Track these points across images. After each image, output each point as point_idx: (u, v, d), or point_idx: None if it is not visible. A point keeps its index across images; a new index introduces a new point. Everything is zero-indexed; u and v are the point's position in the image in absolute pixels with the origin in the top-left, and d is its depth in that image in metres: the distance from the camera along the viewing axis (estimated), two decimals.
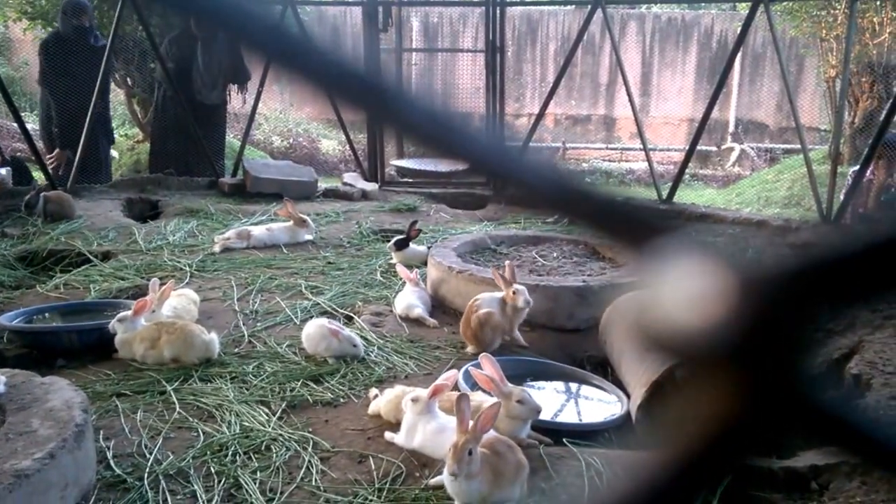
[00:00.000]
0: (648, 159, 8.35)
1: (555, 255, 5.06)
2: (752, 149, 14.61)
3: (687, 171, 8.52)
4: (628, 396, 3.12)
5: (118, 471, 2.46)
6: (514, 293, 3.67)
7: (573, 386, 3.46)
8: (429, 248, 5.17)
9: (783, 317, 0.41)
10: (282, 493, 2.36)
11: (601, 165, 14.30)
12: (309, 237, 5.90)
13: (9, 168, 7.11)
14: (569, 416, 3.19)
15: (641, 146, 8.57)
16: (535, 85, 16.24)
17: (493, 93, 8.50)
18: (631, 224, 0.48)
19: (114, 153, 9.62)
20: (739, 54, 10.09)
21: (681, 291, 0.42)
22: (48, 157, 7.62)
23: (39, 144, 7.80)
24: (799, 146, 7.50)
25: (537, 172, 0.49)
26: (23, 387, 2.68)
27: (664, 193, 7.89)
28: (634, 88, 9.75)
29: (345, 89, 0.46)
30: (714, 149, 15.05)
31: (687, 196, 9.20)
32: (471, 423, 2.22)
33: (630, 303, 3.74)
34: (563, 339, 3.96)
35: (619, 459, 2.65)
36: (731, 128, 15.68)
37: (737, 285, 0.41)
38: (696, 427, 0.44)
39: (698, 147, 8.40)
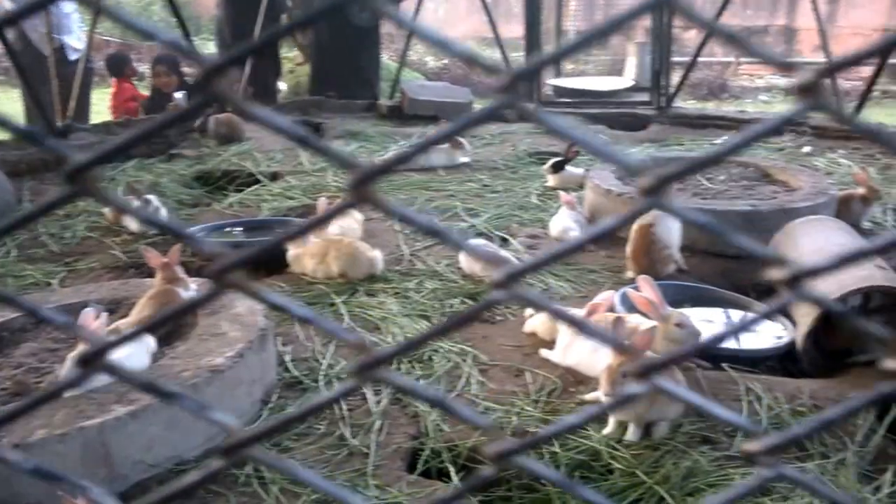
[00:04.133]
0: (833, 75, 7.63)
1: (722, 177, 4.80)
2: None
3: (877, 87, 7.68)
4: (795, 325, 2.98)
5: (296, 372, 2.69)
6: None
7: (736, 313, 3.33)
8: (586, 170, 5.07)
9: None
10: None
11: (778, 82, 13.23)
12: (465, 160, 5.96)
13: (185, 92, 7.65)
14: (730, 343, 3.09)
15: (826, 60, 7.83)
16: None
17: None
18: None
19: (282, 85, 10.07)
20: None
21: None
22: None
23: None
24: None
25: None
26: None
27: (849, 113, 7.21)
28: None
29: None
30: None
31: (876, 116, 8.35)
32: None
33: (803, 228, 3.51)
34: (727, 265, 3.80)
35: (781, 386, 2.56)
36: None
37: None
38: None
39: (892, 60, 7.53)
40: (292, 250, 3.74)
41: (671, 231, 3.55)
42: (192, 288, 2.95)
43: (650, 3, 0.52)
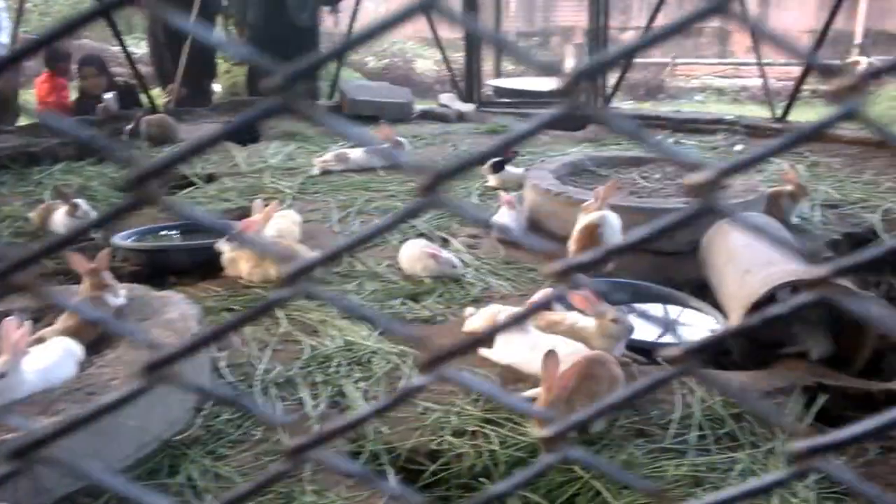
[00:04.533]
0: (763, 75, 7.88)
1: (657, 176, 4.90)
2: (881, 62, 13.52)
3: (806, 87, 7.97)
4: (727, 318, 3.06)
5: (231, 378, 2.63)
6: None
7: (671, 308, 3.41)
8: (526, 170, 5.11)
9: None
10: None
11: (713, 82, 13.59)
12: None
13: (115, 92, 7.39)
14: (665, 338, 3.16)
15: (757, 61, 8.08)
16: None
17: (597, 4, 8.15)
18: None
19: (216, 86, 9.82)
20: None
21: None
22: (164, 93, 7.96)
23: (146, 69, 8.09)
24: None
25: None
26: (141, 300, 2.88)
27: (779, 112, 7.47)
28: None
29: None
30: (838, 62, 13.98)
31: (804, 114, 8.63)
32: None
33: (734, 225, 3.60)
34: (662, 261, 3.87)
35: (713, 379, 2.62)
36: (858, 39, 14.46)
37: None
38: None
39: (821, 61, 7.83)
40: (227, 253, 3.66)
41: (615, 231, 3.60)
42: (120, 294, 2.85)
43: (415, 7, 0.55)
